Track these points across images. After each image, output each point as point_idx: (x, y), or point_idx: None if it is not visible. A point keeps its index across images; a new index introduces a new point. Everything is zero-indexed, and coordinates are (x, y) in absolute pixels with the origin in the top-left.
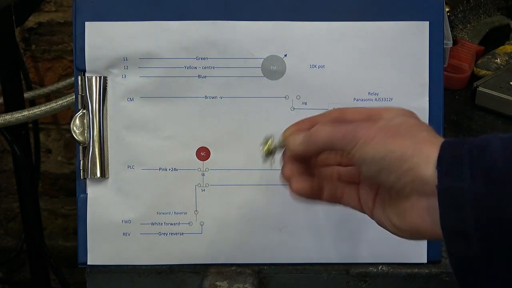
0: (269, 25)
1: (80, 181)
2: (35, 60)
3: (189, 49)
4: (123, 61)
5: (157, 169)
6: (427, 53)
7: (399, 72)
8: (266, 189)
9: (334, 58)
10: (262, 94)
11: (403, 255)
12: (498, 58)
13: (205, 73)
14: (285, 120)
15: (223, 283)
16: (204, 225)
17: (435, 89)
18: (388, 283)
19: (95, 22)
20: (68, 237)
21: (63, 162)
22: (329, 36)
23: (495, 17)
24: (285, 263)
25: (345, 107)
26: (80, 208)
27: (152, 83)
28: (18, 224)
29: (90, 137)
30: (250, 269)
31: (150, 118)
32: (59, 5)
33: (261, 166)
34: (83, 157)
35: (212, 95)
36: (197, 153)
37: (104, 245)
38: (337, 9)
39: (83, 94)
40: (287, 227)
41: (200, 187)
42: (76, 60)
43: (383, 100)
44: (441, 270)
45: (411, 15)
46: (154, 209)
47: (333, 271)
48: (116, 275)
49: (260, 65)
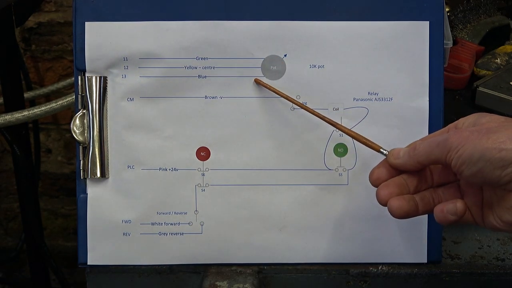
0: (269, 25)
1: (80, 181)
2: (35, 60)
3: (189, 49)
4: (123, 61)
5: (157, 169)
6: (427, 53)
7: (399, 72)
8: (266, 189)
9: (334, 58)
10: (262, 94)
11: (403, 255)
12: (498, 58)
13: (205, 73)
14: (285, 120)
15: (223, 283)
16: (204, 225)
17: (435, 89)
18: (388, 283)
19: (95, 22)
20: (68, 237)
21: (63, 162)
22: (329, 36)
23: (495, 17)
24: (285, 263)
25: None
26: (80, 208)
27: (152, 83)
28: (18, 224)
29: (90, 137)
30: (250, 269)
31: (150, 118)
32: (59, 5)
33: (261, 166)
34: (83, 157)
35: (212, 95)
36: (197, 153)
37: (104, 245)
38: (337, 9)
39: (83, 94)
40: (287, 227)
41: (200, 187)
42: (76, 60)
43: (383, 100)
44: (441, 270)
45: (411, 15)
46: (154, 209)
47: (333, 271)
48: (116, 275)
49: (260, 65)
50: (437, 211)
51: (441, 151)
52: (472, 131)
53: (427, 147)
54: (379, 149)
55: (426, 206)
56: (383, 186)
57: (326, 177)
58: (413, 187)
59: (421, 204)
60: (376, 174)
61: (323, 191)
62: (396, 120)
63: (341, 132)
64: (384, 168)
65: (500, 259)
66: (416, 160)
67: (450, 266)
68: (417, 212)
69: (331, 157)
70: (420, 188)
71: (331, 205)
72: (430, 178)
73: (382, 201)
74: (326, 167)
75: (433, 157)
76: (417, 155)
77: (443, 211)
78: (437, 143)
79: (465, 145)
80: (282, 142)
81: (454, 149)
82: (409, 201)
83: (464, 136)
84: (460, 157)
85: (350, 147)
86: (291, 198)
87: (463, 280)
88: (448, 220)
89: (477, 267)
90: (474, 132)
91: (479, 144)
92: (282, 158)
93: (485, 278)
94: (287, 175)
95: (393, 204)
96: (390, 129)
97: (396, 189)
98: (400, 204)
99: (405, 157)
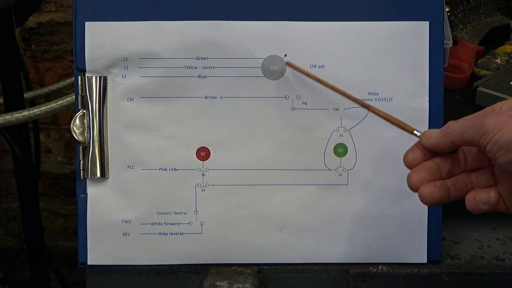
0: (269, 25)
1: (80, 181)
2: (35, 60)
3: (189, 49)
4: (123, 61)
5: (157, 169)
6: (427, 53)
7: (399, 72)
8: (266, 189)
9: (334, 58)
10: (262, 94)
11: (403, 255)
12: (498, 58)
13: (205, 73)
14: (285, 120)
15: (223, 283)
16: (204, 225)
17: (435, 89)
18: (388, 283)
19: (95, 22)
20: (68, 237)
21: (63, 162)
22: (329, 36)
23: (495, 17)
24: (285, 263)
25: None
26: (80, 208)
27: (152, 83)
28: (18, 224)
29: (90, 137)
30: (250, 269)
31: (150, 118)
32: (59, 5)
33: (261, 166)
34: (83, 157)
35: (212, 95)
36: (197, 153)
37: (104, 245)
38: (337, 9)
39: (83, 94)
40: (287, 227)
41: (200, 187)
42: (76, 60)
43: (383, 100)
44: (441, 270)
45: (411, 15)
46: (154, 209)
47: (333, 271)
48: (116, 275)
49: (260, 65)
50: (470, 199)
51: (476, 132)
52: (510, 116)
53: (461, 127)
54: (413, 131)
55: (459, 192)
56: (414, 171)
57: (326, 177)
58: (446, 171)
59: (453, 189)
60: (410, 156)
61: (323, 191)
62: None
63: (341, 132)
64: (419, 150)
65: (500, 259)
66: (449, 140)
67: (450, 266)
68: (449, 199)
69: (331, 157)
70: (453, 172)
71: (331, 205)
72: (463, 162)
73: (413, 186)
74: (326, 167)
75: (466, 137)
76: (450, 134)
77: (475, 200)
78: (472, 123)
79: (503, 129)
80: (282, 142)
81: (490, 132)
82: (441, 188)
83: (502, 120)
84: (496, 143)
85: (350, 147)
86: (291, 198)
87: (463, 280)
88: (480, 209)
89: (477, 267)
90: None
91: None
92: (282, 158)
93: (485, 278)
94: (287, 175)
95: (425, 191)
96: (390, 129)
97: (428, 174)
98: (432, 191)
99: (437, 137)
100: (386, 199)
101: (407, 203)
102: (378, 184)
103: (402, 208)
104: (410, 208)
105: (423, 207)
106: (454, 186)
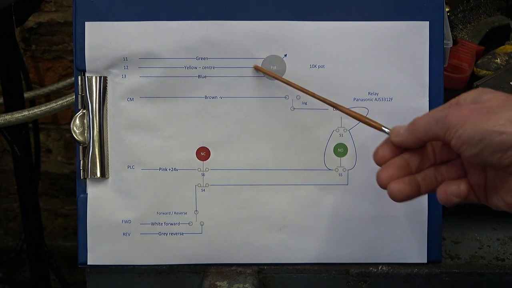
0: (269, 25)
1: (80, 181)
2: (35, 60)
3: (189, 49)
4: (123, 61)
5: (157, 169)
6: (427, 53)
7: (399, 72)
8: (266, 189)
9: (334, 58)
10: (262, 94)
11: (403, 255)
12: (498, 58)
13: (205, 73)
14: (285, 120)
15: (223, 283)
16: (204, 225)
17: (435, 89)
18: (388, 283)
19: (95, 22)
20: (68, 237)
21: (63, 162)
22: (329, 36)
23: (495, 17)
24: (285, 263)
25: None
26: (80, 208)
27: (152, 83)
28: (18, 224)
29: (90, 137)
30: (250, 269)
31: (150, 118)
32: (59, 5)
33: (261, 166)
34: (83, 157)
35: (212, 95)
36: (197, 153)
37: (104, 245)
38: (337, 9)
39: (83, 94)
40: (287, 227)
41: (200, 187)
42: (76, 60)
43: (383, 100)
44: (441, 270)
45: (411, 15)
46: (154, 209)
47: (333, 271)
48: (116, 275)
49: (260, 65)
50: (440, 192)
51: (440, 128)
52: (472, 110)
53: (426, 124)
54: (381, 128)
55: (429, 186)
56: (383, 168)
57: (326, 177)
58: (415, 166)
59: (423, 184)
60: (380, 153)
61: (323, 191)
62: (396, 120)
63: (341, 132)
64: (388, 147)
65: (500, 259)
66: (416, 136)
67: (450, 266)
68: (418, 194)
69: (331, 157)
70: (422, 166)
71: (331, 205)
72: (432, 155)
73: (382, 184)
74: (326, 167)
75: (432, 133)
76: (416, 131)
77: (446, 193)
78: (436, 119)
79: (465, 125)
80: (282, 142)
81: (453, 127)
82: (409, 183)
83: (464, 114)
84: (460, 138)
85: (350, 147)
86: (291, 198)
87: (463, 280)
88: (451, 202)
89: (477, 267)
90: (474, 111)
91: (479, 125)
92: (282, 158)
93: (485, 278)
94: (287, 175)
95: (393, 188)
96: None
97: (397, 171)
98: (400, 187)
99: (405, 134)
100: (386, 199)
101: (407, 203)
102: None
103: (402, 208)
104: (410, 208)
105: (423, 207)
106: (424, 180)
